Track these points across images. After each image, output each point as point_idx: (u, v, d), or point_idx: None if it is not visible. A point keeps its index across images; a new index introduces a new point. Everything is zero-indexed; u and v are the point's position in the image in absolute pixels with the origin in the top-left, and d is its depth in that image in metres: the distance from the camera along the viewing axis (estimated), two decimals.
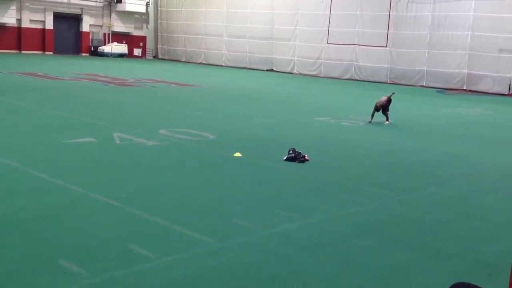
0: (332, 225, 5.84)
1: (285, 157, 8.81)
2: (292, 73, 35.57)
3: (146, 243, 4.94)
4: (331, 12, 33.51)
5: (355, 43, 32.69)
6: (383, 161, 9.40)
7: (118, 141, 9.61)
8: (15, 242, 4.84)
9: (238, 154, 8.96)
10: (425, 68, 29.90)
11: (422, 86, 29.68)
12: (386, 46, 31.34)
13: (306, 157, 8.83)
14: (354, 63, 33.00)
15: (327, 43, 33.98)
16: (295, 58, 35.93)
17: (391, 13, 30.93)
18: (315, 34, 34.48)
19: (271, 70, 37.16)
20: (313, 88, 25.30)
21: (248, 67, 38.31)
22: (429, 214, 6.48)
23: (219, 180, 7.42)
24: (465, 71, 28.41)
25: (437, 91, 27.48)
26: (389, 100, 14.00)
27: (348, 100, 20.98)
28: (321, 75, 34.30)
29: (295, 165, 8.55)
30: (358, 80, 32.22)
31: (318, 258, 4.91)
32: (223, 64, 40.01)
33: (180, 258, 4.68)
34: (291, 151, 8.92)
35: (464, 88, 28.40)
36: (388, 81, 31.20)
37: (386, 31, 31.25)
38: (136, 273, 4.33)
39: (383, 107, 13.95)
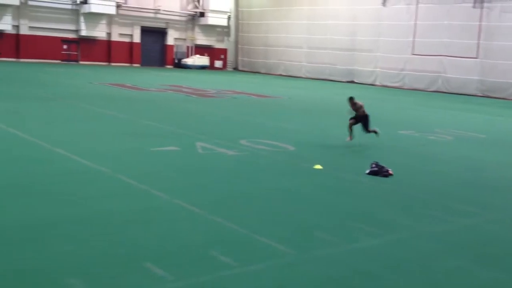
0: (417, 242, 5.59)
1: (368, 171, 8.58)
2: (374, 85, 34.87)
3: (227, 251, 4.97)
4: (417, 22, 32.55)
5: (443, 54, 31.49)
6: (471, 177, 8.92)
7: (200, 150, 9.81)
8: (101, 244, 5.03)
9: (318, 166, 8.84)
10: None
11: None
12: (476, 57, 29.91)
13: (390, 172, 8.55)
14: (441, 74, 31.79)
15: (412, 54, 33.02)
16: (378, 69, 35.21)
17: (482, 23, 29.51)
18: (399, 44, 33.64)
19: (352, 81, 36.64)
20: (397, 100, 24.61)
21: (328, 78, 38.03)
22: None
23: (299, 192, 7.36)
24: None
25: None
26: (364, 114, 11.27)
27: (434, 113, 20.16)
28: (405, 87, 33.34)
29: (378, 179, 8.30)
30: (446, 93, 30.98)
31: (403, 276, 4.71)
32: (303, 76, 40.01)
33: (261, 267, 4.66)
34: (374, 165, 8.68)
35: None
36: (479, 94, 29.73)
37: (477, 41, 29.84)
38: (219, 280, 4.36)
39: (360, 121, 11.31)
